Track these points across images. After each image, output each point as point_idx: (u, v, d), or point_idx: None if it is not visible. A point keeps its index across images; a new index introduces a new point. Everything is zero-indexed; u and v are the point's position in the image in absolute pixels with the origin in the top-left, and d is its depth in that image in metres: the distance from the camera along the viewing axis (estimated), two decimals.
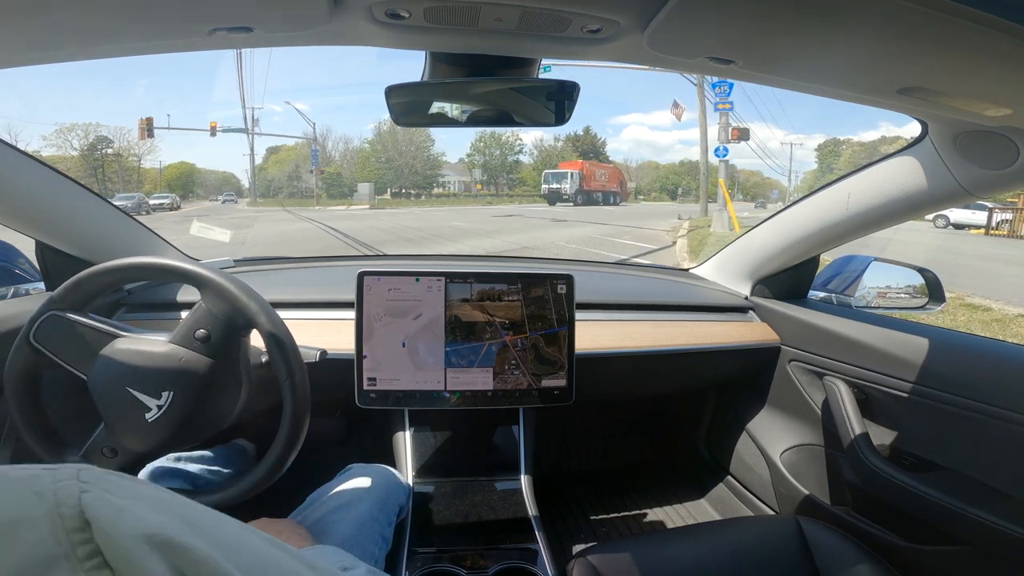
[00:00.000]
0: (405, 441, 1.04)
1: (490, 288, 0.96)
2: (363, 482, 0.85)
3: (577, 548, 0.84)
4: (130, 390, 0.63)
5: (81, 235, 1.00)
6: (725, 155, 12.30)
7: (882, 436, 1.03)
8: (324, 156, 36.24)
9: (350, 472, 0.89)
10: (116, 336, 0.66)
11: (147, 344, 0.65)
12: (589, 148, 48.61)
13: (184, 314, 1.05)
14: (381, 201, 30.48)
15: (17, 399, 0.65)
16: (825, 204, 1.05)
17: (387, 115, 0.66)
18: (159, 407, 0.63)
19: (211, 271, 0.66)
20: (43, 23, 0.47)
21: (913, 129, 0.80)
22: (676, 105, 18.77)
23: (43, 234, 0.96)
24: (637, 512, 1.47)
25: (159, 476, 0.82)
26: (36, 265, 1.01)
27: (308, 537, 0.67)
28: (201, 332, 0.66)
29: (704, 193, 16.25)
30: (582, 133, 49.47)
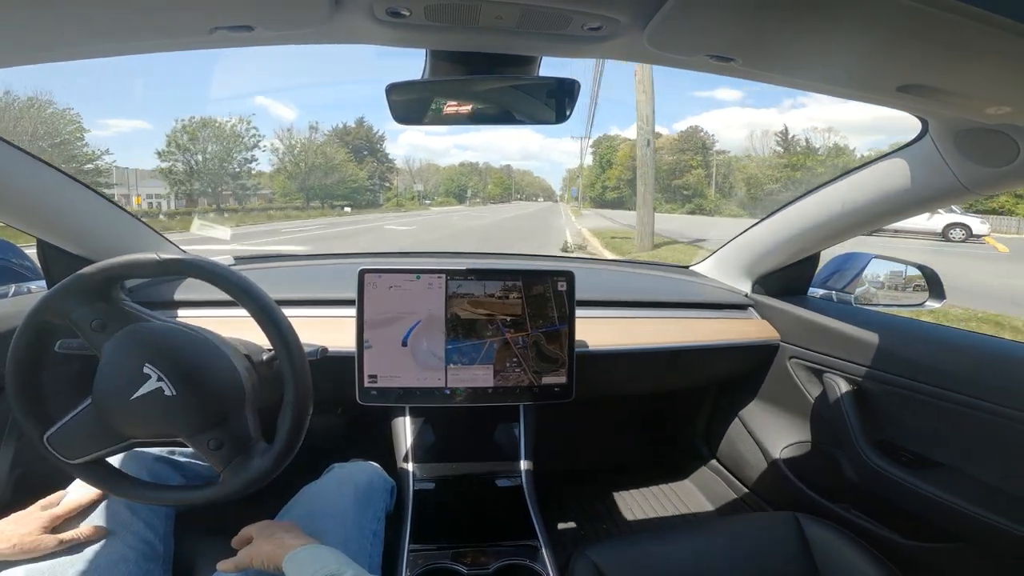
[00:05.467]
0: (406, 438, 1.04)
1: (491, 285, 0.96)
2: (345, 481, 0.86)
3: (578, 545, 0.84)
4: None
5: (83, 233, 1.00)
6: None
7: (881, 433, 1.03)
8: None
9: (332, 472, 0.89)
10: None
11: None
12: (363, 143, 37.93)
13: (182, 312, 1.06)
14: None
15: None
16: (825, 201, 1.05)
17: None
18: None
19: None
20: (42, 22, 0.47)
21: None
22: None
23: (44, 232, 0.96)
24: (637, 509, 1.48)
25: (151, 462, 0.82)
26: (37, 263, 1.02)
27: (307, 537, 0.68)
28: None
29: (649, 197, 9.21)
30: (354, 125, 38.20)
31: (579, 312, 1.01)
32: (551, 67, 0.65)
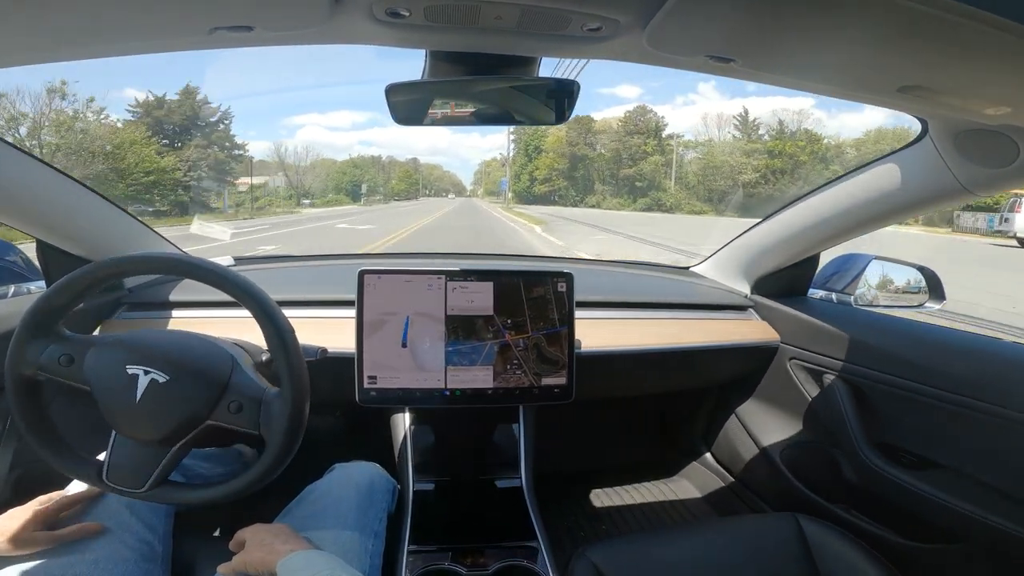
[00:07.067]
0: (406, 439, 1.04)
1: (491, 286, 0.96)
2: (347, 481, 0.85)
3: (578, 545, 0.84)
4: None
5: (82, 233, 1.00)
6: None
7: (881, 434, 1.03)
8: None
9: (334, 472, 0.89)
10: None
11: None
12: (189, 121, 27.87)
13: (176, 312, 1.06)
14: None
15: None
16: (825, 202, 1.05)
17: None
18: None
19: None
20: (43, 22, 0.47)
21: None
22: None
23: (43, 233, 0.96)
24: (637, 510, 1.47)
25: None
26: (37, 263, 1.02)
27: (300, 539, 0.68)
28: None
29: None
30: (176, 96, 27.93)
31: (579, 313, 1.00)
32: (548, 66, 0.64)
